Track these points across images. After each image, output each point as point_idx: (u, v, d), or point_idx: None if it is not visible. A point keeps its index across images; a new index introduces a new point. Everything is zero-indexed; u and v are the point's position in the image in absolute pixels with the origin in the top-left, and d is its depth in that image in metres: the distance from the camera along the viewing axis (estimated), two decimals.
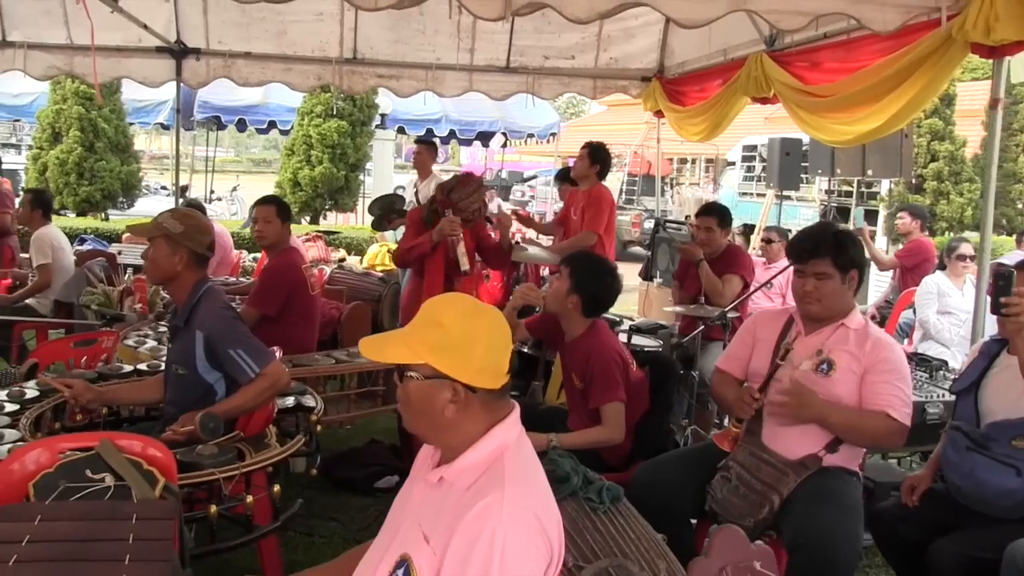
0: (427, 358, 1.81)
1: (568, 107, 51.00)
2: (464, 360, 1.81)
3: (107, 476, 2.42)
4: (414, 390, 1.83)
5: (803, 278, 3.25)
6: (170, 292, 3.50)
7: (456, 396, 1.81)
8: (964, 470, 3.08)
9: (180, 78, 7.52)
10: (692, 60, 7.16)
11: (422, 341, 1.82)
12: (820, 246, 3.21)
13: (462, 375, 1.81)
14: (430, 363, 1.81)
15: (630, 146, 21.74)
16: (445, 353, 1.81)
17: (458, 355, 1.81)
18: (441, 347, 1.81)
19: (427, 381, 1.82)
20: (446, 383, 1.81)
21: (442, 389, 1.81)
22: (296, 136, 15.20)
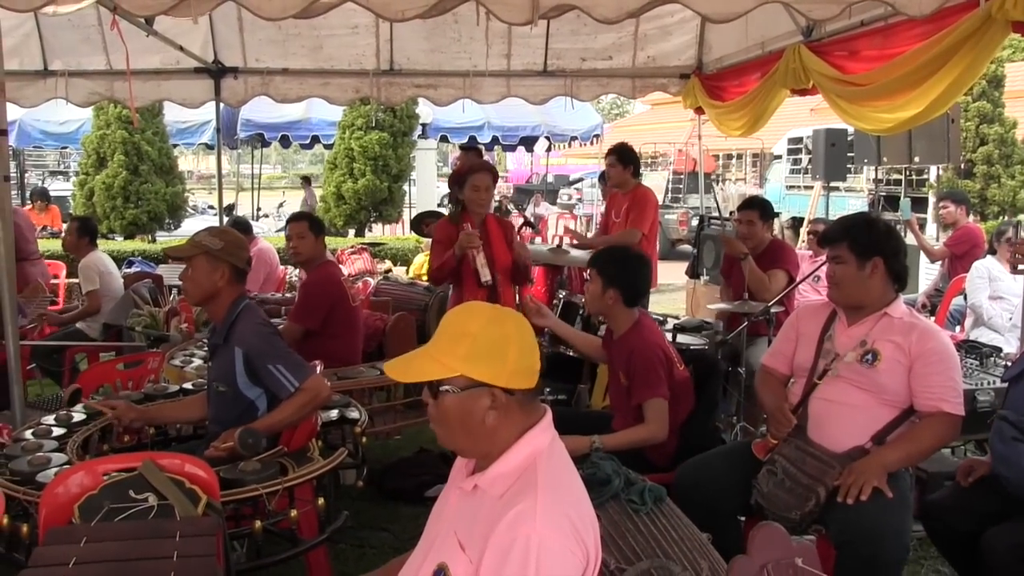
0: (461, 369, 1.80)
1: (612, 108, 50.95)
2: (499, 365, 1.81)
3: (150, 496, 2.46)
4: (452, 404, 1.82)
5: (829, 263, 3.29)
6: (209, 311, 3.53)
7: (496, 402, 1.81)
8: (1011, 461, 3.03)
9: (219, 97, 7.67)
10: (730, 55, 7.09)
11: (452, 354, 1.81)
12: (838, 231, 3.26)
13: (499, 380, 1.81)
14: (465, 374, 1.80)
15: (675, 144, 21.59)
16: (479, 361, 1.80)
17: (492, 361, 1.81)
18: (474, 356, 1.80)
19: (464, 393, 1.81)
20: (484, 391, 1.81)
21: (480, 398, 1.81)
22: (338, 149, 15.32)
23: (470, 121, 13.94)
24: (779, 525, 2.05)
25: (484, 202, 5.01)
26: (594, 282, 3.80)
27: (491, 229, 4.96)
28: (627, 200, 6.51)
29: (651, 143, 24.26)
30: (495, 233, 4.97)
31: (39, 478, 2.80)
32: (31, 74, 7.36)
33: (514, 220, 14.04)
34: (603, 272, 3.77)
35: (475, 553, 1.74)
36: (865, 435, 3.11)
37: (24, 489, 2.74)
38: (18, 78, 7.29)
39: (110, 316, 6.23)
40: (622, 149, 6.63)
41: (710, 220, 8.46)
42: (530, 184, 28.74)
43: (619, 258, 3.88)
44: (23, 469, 2.91)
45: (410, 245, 13.40)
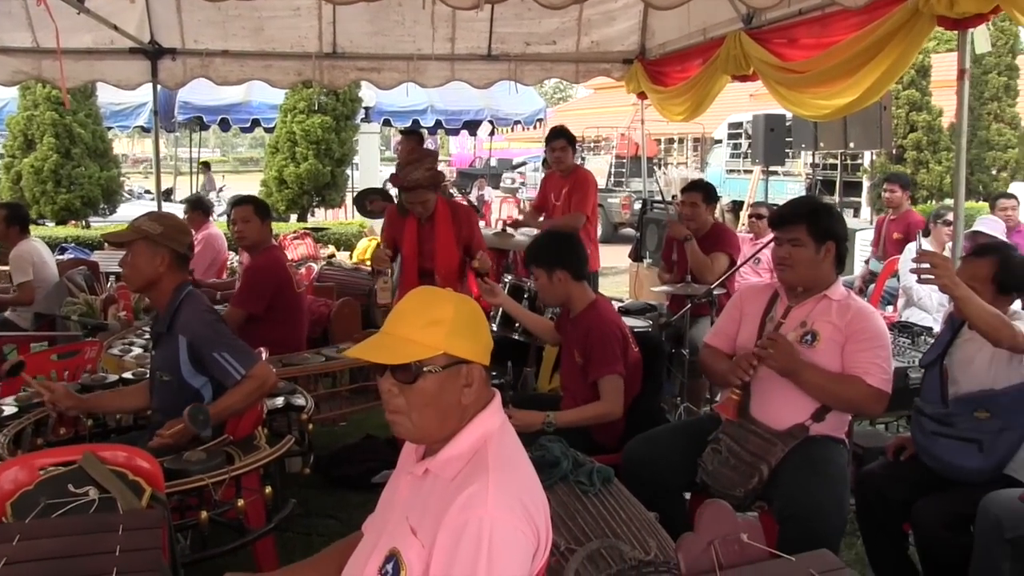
0: (444, 347, 1.79)
1: (555, 92, 50.99)
2: (475, 340, 1.84)
3: (91, 489, 2.39)
4: (431, 385, 1.80)
5: (780, 245, 3.31)
6: (151, 298, 3.46)
7: (470, 378, 1.83)
8: (931, 453, 3.22)
9: (156, 79, 7.46)
10: (672, 41, 7.16)
11: (432, 333, 1.80)
12: (796, 213, 3.28)
13: (476, 355, 1.84)
14: (448, 351, 1.80)
15: (617, 128, 21.69)
16: (459, 338, 1.81)
17: (470, 337, 1.83)
18: (454, 332, 1.81)
19: (444, 371, 1.80)
20: (462, 368, 1.82)
21: (458, 376, 1.82)
22: (280, 133, 15.10)
23: (413, 105, 13.82)
24: (725, 502, 2.08)
25: (422, 214, 4.82)
26: (539, 276, 3.83)
27: (439, 224, 4.83)
28: (568, 183, 6.54)
29: (594, 127, 24.35)
30: (442, 228, 4.83)
31: None
32: None
33: None
34: (542, 261, 3.80)
35: (427, 537, 1.73)
36: (805, 413, 3.19)
37: None
38: None
39: (42, 305, 6.02)
40: (569, 132, 6.68)
41: (653, 204, 8.54)
42: (473, 168, 28.65)
43: (548, 241, 3.94)
44: None
45: (353, 230, 13.27)
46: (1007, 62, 17.29)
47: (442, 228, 4.78)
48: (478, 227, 4.94)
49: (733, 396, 3.29)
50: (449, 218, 4.83)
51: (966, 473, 3.12)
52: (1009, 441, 3.08)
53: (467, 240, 4.88)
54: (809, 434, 3.17)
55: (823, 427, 3.20)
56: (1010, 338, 2.95)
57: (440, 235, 4.78)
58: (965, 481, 3.11)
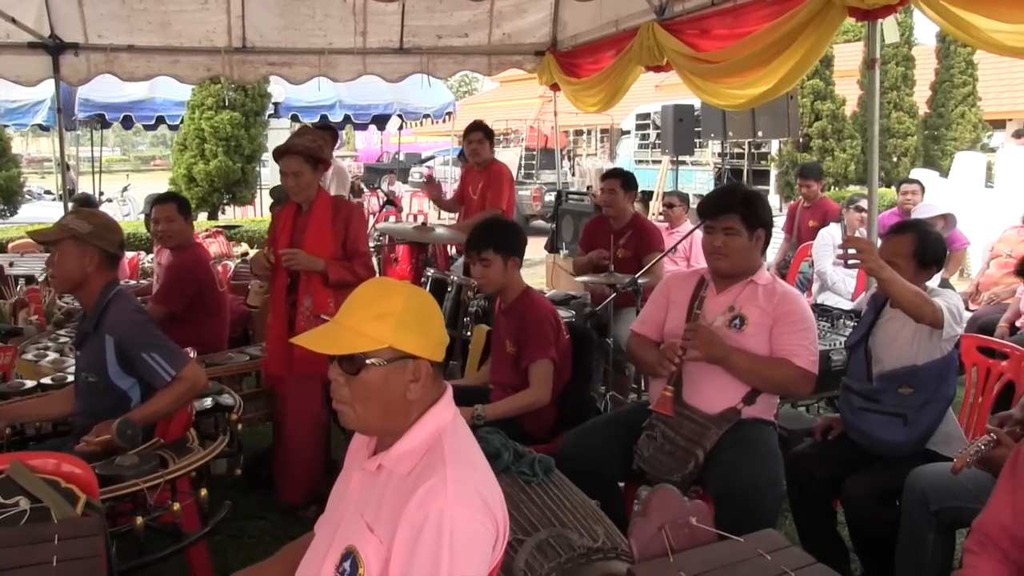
0: (390, 340, 1.77)
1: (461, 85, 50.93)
2: (425, 336, 1.82)
3: (21, 499, 2.32)
4: (375, 378, 1.78)
5: (712, 234, 3.36)
6: (79, 298, 3.34)
7: (417, 374, 1.80)
8: (860, 429, 3.36)
9: (59, 75, 7.19)
10: (584, 32, 7.23)
11: (380, 326, 1.78)
12: (731, 203, 3.33)
13: (424, 351, 1.81)
14: (393, 345, 1.78)
15: (525, 121, 21.80)
16: (407, 332, 1.79)
17: (419, 332, 1.81)
18: (403, 327, 1.78)
19: (390, 365, 1.78)
20: (408, 363, 1.79)
21: (404, 370, 1.79)
22: (188, 130, 14.70)
23: (321, 100, 13.64)
24: (673, 487, 2.13)
25: (294, 191, 4.24)
26: (492, 261, 3.77)
27: (314, 215, 4.25)
28: (483, 178, 6.54)
29: (503, 120, 24.42)
30: (316, 220, 4.24)
31: None
32: None
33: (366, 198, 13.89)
34: (500, 248, 3.77)
35: (385, 533, 1.73)
36: (736, 396, 3.27)
37: None
38: None
39: None
40: (486, 126, 6.67)
41: (568, 195, 8.62)
42: (381, 163, 28.46)
43: (502, 229, 3.94)
44: None
45: (266, 227, 13.01)
46: (904, 53, 17.94)
47: (316, 220, 4.22)
48: (361, 227, 4.36)
49: (666, 393, 3.32)
50: (329, 211, 4.25)
51: (892, 447, 3.26)
52: (931, 414, 3.24)
53: (343, 237, 4.23)
54: (741, 417, 3.24)
55: (754, 410, 3.28)
56: (931, 314, 3.09)
57: (312, 227, 4.21)
58: (891, 455, 3.25)
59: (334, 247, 4.19)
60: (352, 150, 39.19)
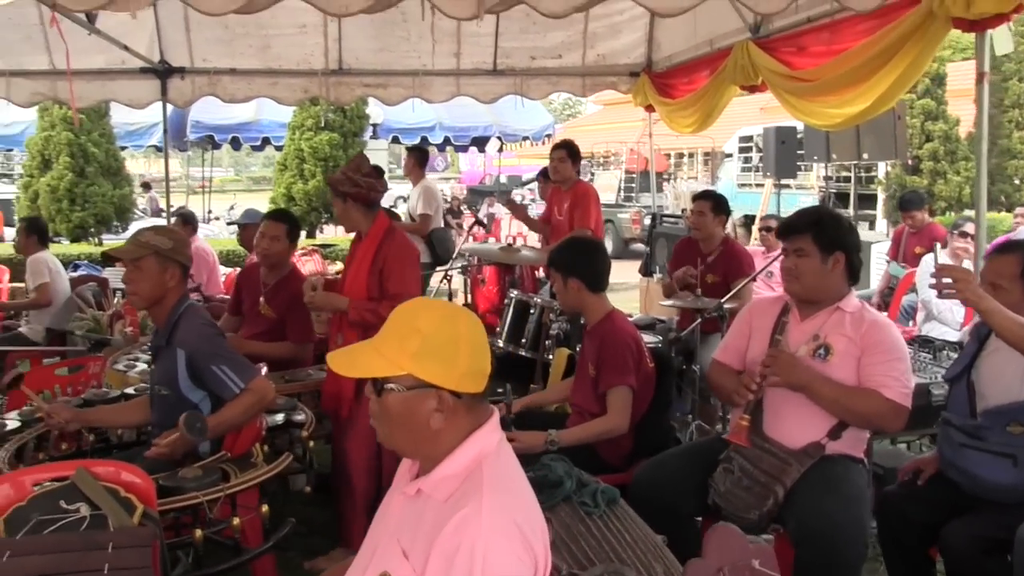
0: (409, 368, 1.71)
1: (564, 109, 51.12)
2: (448, 366, 1.73)
3: (82, 506, 2.35)
4: (395, 404, 1.74)
5: (786, 255, 3.22)
6: (153, 313, 3.39)
7: (442, 404, 1.73)
8: (959, 467, 3.09)
9: (166, 98, 7.51)
10: (679, 52, 7.12)
11: (401, 350, 1.72)
12: (801, 223, 3.19)
13: (448, 382, 1.73)
14: (413, 373, 1.71)
15: (627, 144, 21.67)
16: (429, 361, 1.72)
17: (442, 362, 1.73)
18: (424, 355, 1.72)
19: (409, 392, 1.72)
20: (431, 392, 1.72)
21: (426, 399, 1.72)
22: (288, 151, 15.12)
23: (421, 122, 13.82)
24: (735, 526, 2.01)
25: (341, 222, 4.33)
26: (555, 280, 3.81)
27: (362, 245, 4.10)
28: (568, 197, 6.48)
29: (602, 143, 24.34)
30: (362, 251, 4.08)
31: None
32: None
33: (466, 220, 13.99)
34: (559, 266, 3.78)
35: (419, 560, 1.67)
36: (820, 431, 3.08)
37: None
38: None
39: (54, 320, 6.08)
40: (572, 145, 6.62)
41: (663, 218, 8.48)
42: (483, 185, 28.73)
43: (569, 248, 3.90)
44: None
45: None
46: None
47: (360, 254, 4.08)
48: (399, 266, 4.01)
49: (742, 422, 3.17)
50: (373, 247, 4.03)
51: (999, 490, 2.97)
52: None
53: (380, 268, 3.99)
54: (825, 453, 3.06)
55: (840, 445, 3.08)
56: None
57: (356, 261, 4.10)
58: (997, 499, 2.97)
59: (369, 284, 3.98)
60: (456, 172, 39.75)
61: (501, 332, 5.39)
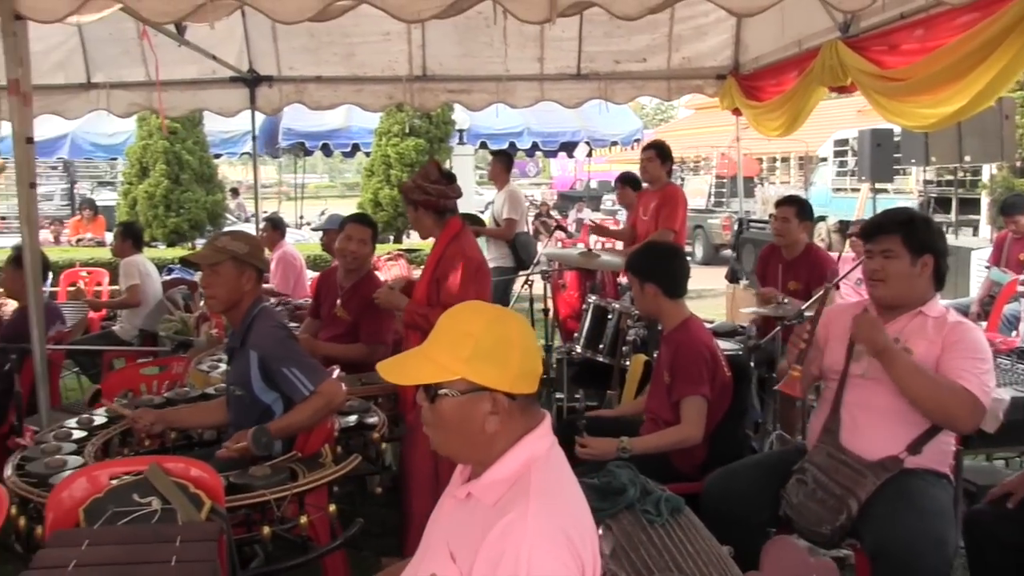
0: (462, 372, 1.72)
1: (656, 114, 50.69)
2: (502, 368, 1.73)
3: (154, 500, 2.43)
4: (449, 408, 1.74)
5: (871, 258, 3.08)
6: (229, 316, 3.47)
7: (496, 407, 1.73)
8: None
9: (254, 106, 7.72)
10: (767, 54, 6.97)
11: (453, 355, 1.73)
12: (890, 223, 3.06)
13: (501, 384, 1.73)
14: (466, 377, 1.72)
15: (717, 148, 21.37)
16: (481, 364, 1.72)
17: (495, 364, 1.73)
18: (476, 358, 1.72)
19: (463, 397, 1.73)
20: (485, 395, 1.73)
21: (481, 402, 1.73)
22: (375, 156, 15.34)
23: (510, 127, 13.92)
24: (795, 540, 1.94)
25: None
26: (633, 284, 3.79)
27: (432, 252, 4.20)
28: (656, 198, 6.46)
29: (693, 147, 24.05)
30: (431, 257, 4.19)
31: (52, 480, 2.78)
32: (75, 87, 7.51)
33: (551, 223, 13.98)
34: (636, 271, 3.75)
35: (465, 564, 1.67)
36: (900, 443, 2.95)
37: (37, 491, 2.74)
38: (63, 91, 7.48)
39: (145, 321, 6.30)
40: (662, 145, 6.62)
41: (750, 223, 8.32)
42: (574, 191, 28.70)
43: (648, 253, 3.87)
44: (39, 471, 2.90)
45: None
46: None
47: (429, 260, 4.20)
48: (458, 278, 4.01)
49: (794, 373, 3.07)
50: (437, 255, 4.12)
51: None
52: None
53: (440, 277, 4.07)
54: (904, 467, 2.93)
55: (920, 460, 2.94)
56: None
57: (427, 262, 4.24)
58: None
59: (429, 290, 4.06)
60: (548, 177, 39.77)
61: (579, 337, 5.36)
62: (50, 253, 9.93)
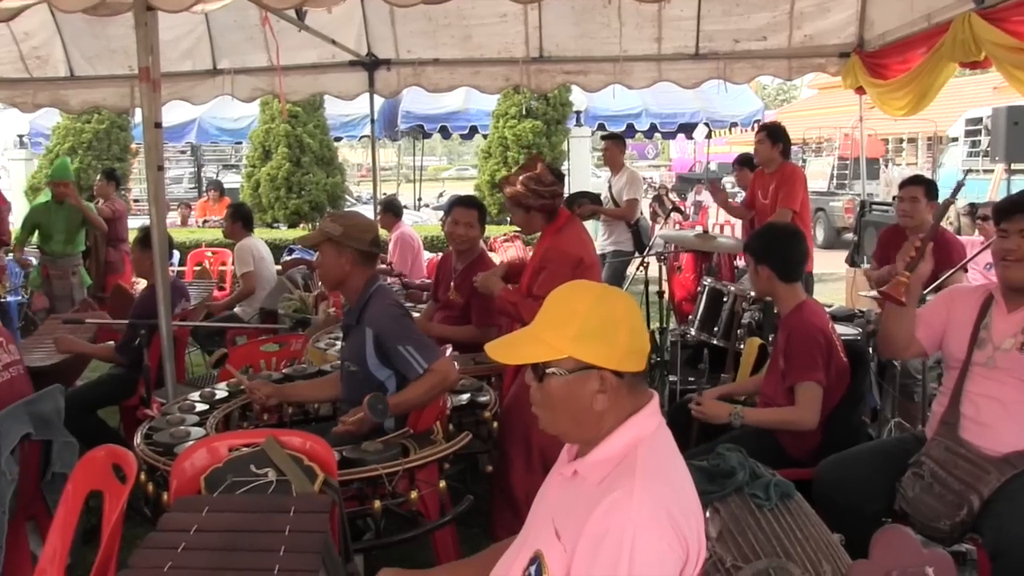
0: (570, 351, 1.73)
1: (779, 93, 49.45)
2: (609, 346, 1.73)
3: (270, 471, 2.52)
4: (557, 388, 1.75)
5: (1006, 238, 2.91)
6: (344, 294, 3.59)
7: (604, 385, 1.73)
8: None
9: (373, 89, 7.88)
10: (894, 30, 6.67)
11: (561, 334, 1.74)
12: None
13: (609, 362, 1.73)
14: (574, 355, 1.73)
15: (841, 129, 20.68)
16: (589, 342, 1.72)
17: (603, 342, 1.73)
18: (584, 336, 1.72)
19: (571, 375, 1.73)
20: (593, 374, 1.73)
21: (589, 381, 1.73)
22: (492, 138, 15.39)
23: (627, 108, 13.80)
24: (907, 529, 1.87)
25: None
26: (749, 265, 3.75)
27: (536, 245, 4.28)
28: (774, 179, 6.37)
29: (816, 128, 23.34)
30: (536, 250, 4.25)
31: (177, 450, 2.93)
32: (202, 73, 7.85)
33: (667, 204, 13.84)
34: (752, 252, 3.70)
35: (570, 541, 1.67)
36: None
37: (163, 459, 2.89)
38: (190, 78, 7.83)
39: (266, 301, 6.50)
40: (772, 126, 6.56)
41: (872, 205, 8.03)
42: (693, 173, 28.26)
43: (765, 234, 3.81)
44: (165, 441, 3.07)
45: None
46: None
47: (536, 246, 4.21)
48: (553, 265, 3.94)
49: (901, 279, 2.91)
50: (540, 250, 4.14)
51: None
52: None
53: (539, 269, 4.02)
54: None
55: None
56: None
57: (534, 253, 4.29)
58: None
59: (529, 281, 4.04)
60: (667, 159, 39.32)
61: (693, 320, 5.30)
62: (177, 235, 10.45)
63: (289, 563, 2.06)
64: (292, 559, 2.08)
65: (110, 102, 8.25)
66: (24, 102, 8.22)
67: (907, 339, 3.13)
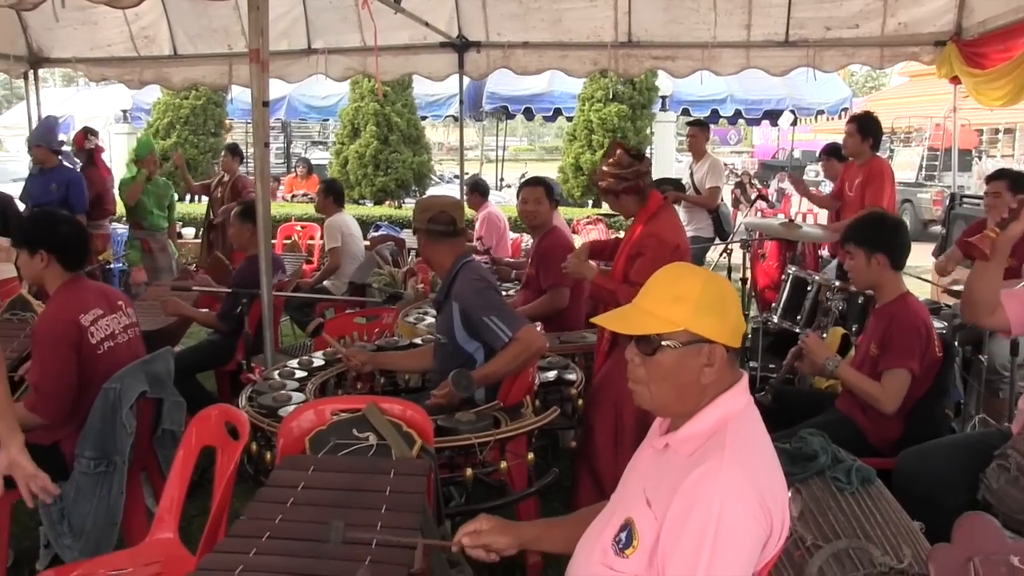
0: (686, 323, 1.81)
1: (867, 81, 48.19)
2: (721, 321, 1.83)
3: (371, 435, 2.66)
4: (669, 360, 1.83)
5: None
6: (434, 271, 3.77)
7: (712, 359, 1.82)
8: None
9: (462, 71, 8.01)
10: (995, 17, 6.50)
11: (675, 309, 1.83)
12: None
13: (721, 336, 1.82)
14: (689, 328, 1.81)
15: (932, 118, 20.15)
16: (705, 316, 1.82)
17: (715, 316, 1.83)
18: (699, 311, 1.82)
19: (685, 348, 1.82)
20: (703, 347, 1.82)
21: (699, 354, 1.82)
22: (577, 121, 15.41)
23: (713, 94, 13.69)
24: (991, 517, 1.91)
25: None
26: (856, 256, 3.70)
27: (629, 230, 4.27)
28: (861, 173, 6.28)
29: (905, 117, 22.74)
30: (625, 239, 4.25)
31: (280, 412, 3.12)
32: (297, 53, 8.08)
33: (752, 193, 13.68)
34: (863, 241, 3.67)
35: (660, 510, 1.76)
36: None
37: (268, 421, 3.07)
38: (285, 57, 8.05)
39: (355, 275, 6.70)
40: (864, 118, 6.40)
41: (963, 198, 7.87)
42: (776, 160, 27.81)
43: (875, 223, 3.79)
44: (268, 404, 3.26)
45: None
46: None
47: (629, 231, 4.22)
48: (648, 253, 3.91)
49: (991, 233, 2.84)
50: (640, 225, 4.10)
51: None
52: None
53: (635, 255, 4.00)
54: None
55: None
56: None
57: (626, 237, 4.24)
58: None
59: (625, 267, 4.02)
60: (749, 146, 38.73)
61: (776, 307, 5.31)
62: None
63: (390, 520, 2.19)
64: (393, 517, 2.21)
65: (209, 79, 8.57)
66: (131, 79, 8.61)
67: (991, 303, 3.02)
